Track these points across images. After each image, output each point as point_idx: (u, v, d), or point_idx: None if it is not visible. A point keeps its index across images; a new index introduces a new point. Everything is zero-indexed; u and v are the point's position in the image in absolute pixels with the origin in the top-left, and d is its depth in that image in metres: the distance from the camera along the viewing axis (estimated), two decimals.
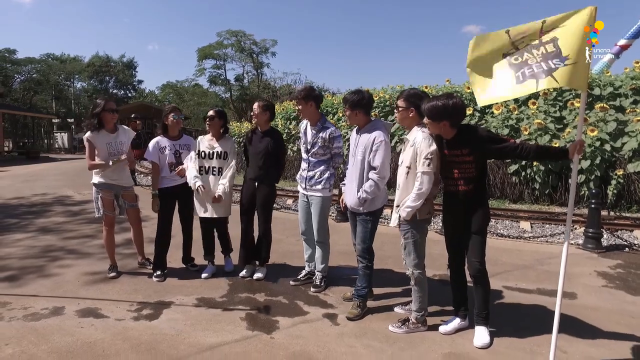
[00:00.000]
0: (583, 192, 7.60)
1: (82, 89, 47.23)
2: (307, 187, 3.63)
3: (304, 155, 3.69)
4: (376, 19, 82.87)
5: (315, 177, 3.58)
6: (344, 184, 3.39)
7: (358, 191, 3.14)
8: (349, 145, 3.44)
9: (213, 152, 3.88)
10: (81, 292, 3.55)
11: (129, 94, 48.89)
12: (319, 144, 3.54)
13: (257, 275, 3.95)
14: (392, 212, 3.01)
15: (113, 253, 4.02)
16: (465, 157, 2.70)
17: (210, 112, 3.92)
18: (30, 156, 23.40)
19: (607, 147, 7.80)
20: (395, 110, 2.97)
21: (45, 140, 33.52)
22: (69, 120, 38.87)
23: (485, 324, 2.82)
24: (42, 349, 2.62)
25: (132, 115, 15.61)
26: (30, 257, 4.56)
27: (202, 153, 3.90)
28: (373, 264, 3.30)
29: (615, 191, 7.60)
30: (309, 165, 3.62)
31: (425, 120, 2.76)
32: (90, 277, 3.92)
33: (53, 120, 35.42)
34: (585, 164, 7.69)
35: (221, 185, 3.86)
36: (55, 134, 34.70)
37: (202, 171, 3.88)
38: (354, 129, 3.34)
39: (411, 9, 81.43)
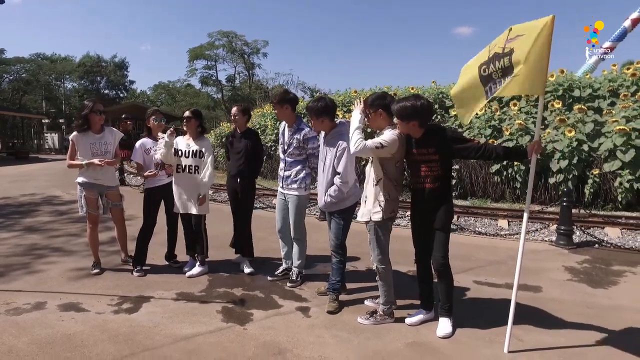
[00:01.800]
0: (561, 190, 7.81)
1: (73, 89, 46.96)
2: (284, 185, 3.77)
3: (281, 155, 3.83)
4: (371, 19, 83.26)
5: (292, 177, 3.72)
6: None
7: (325, 194, 3.30)
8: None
9: (189, 151, 3.99)
10: (64, 288, 3.65)
11: (121, 95, 48.69)
12: (295, 144, 3.68)
13: (248, 270, 4.11)
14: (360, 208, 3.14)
15: (97, 250, 4.12)
16: (431, 155, 2.84)
17: (187, 113, 4.03)
18: (19, 156, 23.26)
19: (585, 147, 8.03)
20: (366, 119, 3.07)
21: (35, 141, 33.30)
22: (59, 120, 38.63)
23: (448, 316, 2.97)
24: (22, 341, 2.72)
25: (123, 116, 15.62)
26: (15, 255, 4.65)
27: (179, 152, 4.00)
28: (346, 258, 3.45)
29: (591, 190, 7.83)
30: (285, 165, 3.76)
31: (395, 120, 2.90)
32: (74, 274, 4.02)
33: (43, 121, 35.20)
34: (564, 163, 7.91)
35: (203, 186, 3.96)
36: (45, 134, 34.47)
37: (179, 169, 3.99)
38: (322, 135, 3.47)
39: (408, 9, 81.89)
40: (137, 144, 4.07)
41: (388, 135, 2.85)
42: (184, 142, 4.04)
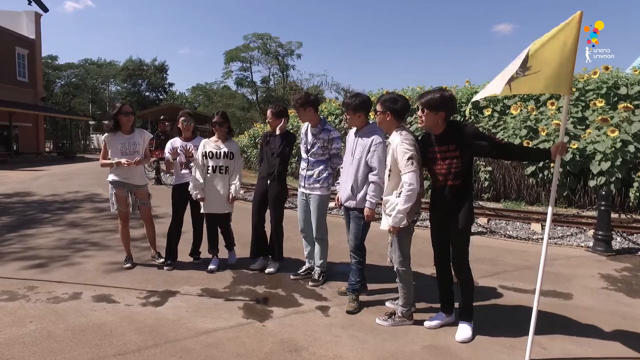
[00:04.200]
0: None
1: (117, 91, 49.43)
2: (307, 185, 3.82)
3: (303, 155, 3.88)
4: (406, 18, 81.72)
5: (314, 176, 3.76)
6: (339, 183, 3.56)
7: (352, 188, 3.29)
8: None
9: (220, 152, 4.17)
10: (98, 280, 3.88)
11: (160, 96, 50.68)
12: (319, 144, 3.73)
13: (269, 269, 4.17)
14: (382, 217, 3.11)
15: (128, 245, 4.34)
16: (452, 152, 2.78)
17: (218, 119, 4.20)
18: (67, 156, 24.82)
19: (631, 148, 7.56)
20: (374, 114, 3.10)
21: (82, 141, 35.33)
22: (104, 122, 40.78)
23: (468, 320, 2.91)
24: (60, 327, 2.93)
25: (161, 117, 16.30)
26: (58, 248, 4.98)
27: (210, 153, 4.17)
28: (365, 259, 3.46)
29: (637, 194, 7.36)
30: (307, 165, 3.81)
31: (419, 113, 2.86)
32: (108, 267, 4.26)
33: (89, 122, 37.29)
34: (605, 165, 7.49)
35: (233, 185, 4.19)
36: (91, 135, 36.55)
37: (211, 170, 4.17)
38: (352, 131, 3.49)
39: (445, 8, 79.79)
40: (168, 143, 4.33)
41: (404, 146, 2.78)
42: (213, 145, 4.20)
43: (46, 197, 9.23)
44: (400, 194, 2.82)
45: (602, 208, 5.04)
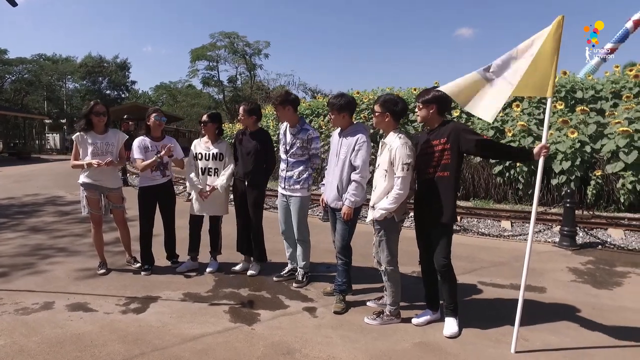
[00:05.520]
0: (564, 192, 7.83)
1: (75, 89, 46.97)
2: (287, 186, 3.78)
3: (282, 156, 3.84)
4: (372, 21, 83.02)
5: (294, 177, 3.73)
6: (324, 184, 3.56)
7: (338, 188, 3.30)
8: (328, 146, 3.62)
9: (209, 154, 4.10)
10: (71, 288, 3.67)
11: (122, 95, 48.71)
12: (298, 144, 3.70)
13: (251, 272, 4.11)
14: (368, 210, 3.16)
15: (102, 250, 4.14)
16: (444, 145, 2.88)
17: (204, 118, 4.12)
18: (21, 157, 23.34)
19: (588, 148, 8.05)
20: (372, 114, 3.15)
21: (37, 141, 33.35)
22: (61, 121, 38.69)
23: (454, 316, 2.99)
24: (33, 340, 2.75)
25: (125, 117, 15.65)
26: (21, 255, 4.67)
27: (199, 155, 4.11)
28: (351, 260, 3.47)
29: (594, 191, 7.85)
30: (287, 166, 3.78)
31: (417, 110, 3.00)
32: (80, 274, 4.04)
33: (45, 121, 35.23)
34: (566, 164, 7.93)
35: (219, 180, 4.07)
36: (47, 135, 34.54)
37: (200, 172, 4.10)
38: (336, 131, 3.50)
39: (409, 12, 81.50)
40: (135, 141, 4.04)
41: (401, 150, 2.85)
42: (203, 146, 4.12)
43: (1, 200, 8.64)
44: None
45: (568, 205, 5.33)
